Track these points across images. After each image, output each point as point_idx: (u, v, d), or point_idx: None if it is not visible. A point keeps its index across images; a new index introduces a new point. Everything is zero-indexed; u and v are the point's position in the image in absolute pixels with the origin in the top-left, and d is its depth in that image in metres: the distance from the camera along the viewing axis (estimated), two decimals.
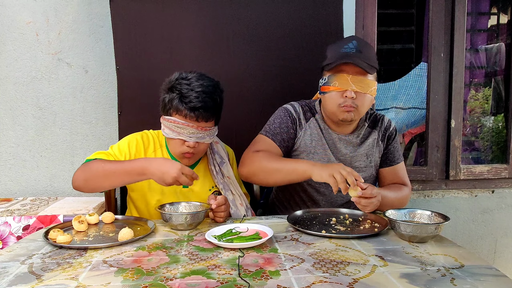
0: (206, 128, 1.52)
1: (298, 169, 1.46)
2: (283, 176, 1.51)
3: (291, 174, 1.49)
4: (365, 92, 1.52)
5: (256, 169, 1.55)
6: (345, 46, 1.55)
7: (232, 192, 1.65)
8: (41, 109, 2.24)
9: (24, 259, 1.11)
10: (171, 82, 1.54)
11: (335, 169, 1.36)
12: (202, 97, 1.47)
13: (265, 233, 1.26)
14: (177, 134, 1.51)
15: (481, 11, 3.01)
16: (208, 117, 1.51)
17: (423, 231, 1.21)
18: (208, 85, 1.51)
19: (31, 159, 2.27)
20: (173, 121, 1.50)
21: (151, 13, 2.09)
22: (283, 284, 0.93)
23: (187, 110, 1.47)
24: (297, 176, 1.48)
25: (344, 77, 1.51)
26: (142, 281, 0.96)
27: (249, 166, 1.56)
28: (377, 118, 1.74)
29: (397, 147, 1.75)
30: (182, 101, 1.48)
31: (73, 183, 1.49)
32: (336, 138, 1.66)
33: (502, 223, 2.53)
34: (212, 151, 1.69)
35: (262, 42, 2.16)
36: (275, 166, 1.52)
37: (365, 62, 1.50)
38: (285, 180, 1.54)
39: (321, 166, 1.41)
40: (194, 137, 1.51)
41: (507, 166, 2.53)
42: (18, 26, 2.19)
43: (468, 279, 0.96)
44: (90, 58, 2.23)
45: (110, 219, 1.44)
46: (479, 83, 3.00)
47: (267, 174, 1.54)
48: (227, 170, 1.68)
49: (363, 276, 0.98)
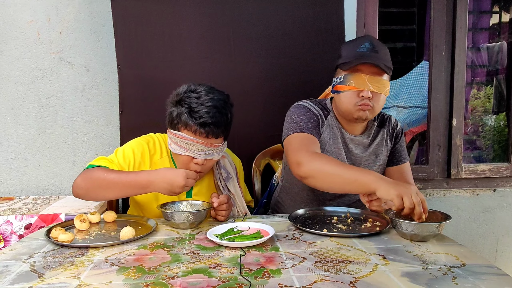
0: (215, 145, 1.46)
1: (362, 179, 1.32)
2: (341, 182, 1.38)
3: (351, 184, 1.35)
4: (380, 92, 1.52)
5: (314, 171, 1.42)
6: (361, 45, 1.53)
7: (237, 208, 1.61)
8: (42, 108, 2.25)
9: (26, 257, 1.11)
10: (179, 95, 1.45)
11: (407, 192, 1.22)
12: (213, 112, 1.40)
13: (266, 232, 1.26)
14: (185, 150, 1.44)
15: (483, 10, 3.01)
16: (219, 134, 1.44)
17: (424, 230, 1.21)
18: (218, 99, 1.44)
19: (32, 158, 2.27)
20: (181, 137, 1.43)
21: (152, 12, 2.09)
22: (284, 283, 0.93)
23: (197, 126, 1.40)
24: (358, 187, 1.34)
25: (361, 77, 1.50)
26: (143, 279, 0.96)
27: (307, 167, 1.43)
28: (385, 117, 1.74)
29: (404, 147, 1.75)
30: (192, 116, 1.40)
31: (73, 191, 1.44)
32: (348, 138, 1.66)
33: (503, 222, 2.53)
34: (219, 166, 1.62)
35: (263, 41, 2.15)
36: (336, 171, 1.38)
37: (382, 62, 1.50)
38: (343, 189, 1.42)
39: (390, 183, 1.28)
40: (203, 154, 1.44)
41: (509, 165, 2.53)
42: (19, 25, 2.19)
43: (470, 278, 0.96)
44: (91, 57, 2.23)
45: (111, 218, 1.44)
46: (481, 81, 2.99)
47: (326, 178, 1.41)
48: (233, 186, 1.61)
49: (365, 275, 0.98)
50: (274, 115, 1.92)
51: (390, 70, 1.54)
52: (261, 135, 2.15)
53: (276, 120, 1.85)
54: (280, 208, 1.85)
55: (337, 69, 1.60)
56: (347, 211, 1.52)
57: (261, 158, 2.08)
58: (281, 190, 1.85)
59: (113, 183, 1.38)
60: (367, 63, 1.50)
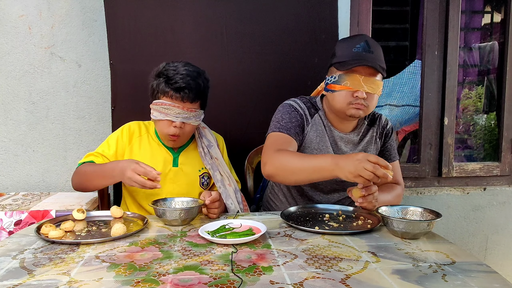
0: (191, 109, 1.60)
1: (323, 167, 1.35)
2: (305, 174, 1.41)
3: (315, 174, 1.38)
4: (374, 93, 1.53)
5: (277, 169, 1.46)
6: (357, 45, 1.52)
7: (220, 172, 1.70)
8: (33, 103, 2.22)
9: (16, 254, 1.11)
10: (158, 69, 1.64)
11: (359, 167, 1.24)
12: (187, 79, 1.57)
13: (258, 229, 1.26)
14: (164, 115, 1.58)
15: (475, 10, 3.02)
16: (193, 98, 1.59)
17: (415, 227, 1.22)
18: (193, 71, 1.61)
19: (23, 154, 2.25)
20: (160, 104, 1.59)
21: (145, 7, 2.08)
22: (276, 280, 0.94)
23: (172, 91, 1.57)
24: (323, 175, 1.37)
25: (356, 78, 1.50)
26: (134, 276, 0.96)
27: (271, 165, 1.47)
28: (375, 116, 1.75)
29: (394, 146, 1.77)
30: (168, 83, 1.58)
31: (73, 187, 1.66)
32: (338, 136, 1.67)
33: (493, 220, 2.56)
34: (200, 135, 1.75)
35: (256, 38, 2.15)
36: (297, 165, 1.41)
37: (377, 63, 1.50)
38: (311, 179, 1.44)
39: (344, 165, 1.28)
40: (181, 117, 1.58)
41: (499, 164, 2.56)
42: (11, 19, 2.17)
43: (459, 275, 0.97)
44: (83, 52, 2.21)
45: (119, 214, 1.44)
46: (472, 81, 3.01)
47: (289, 173, 1.44)
48: (215, 152, 1.73)
49: (356, 272, 0.98)
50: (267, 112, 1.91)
51: (384, 70, 1.55)
52: (254, 132, 2.15)
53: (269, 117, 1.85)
54: (271, 205, 1.85)
55: (331, 67, 1.60)
56: (339, 208, 1.53)
57: (254, 155, 2.07)
58: (271, 188, 1.86)
59: (92, 175, 1.58)
60: (364, 64, 1.50)
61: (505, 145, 2.55)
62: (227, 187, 1.67)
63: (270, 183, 1.91)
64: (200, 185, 1.72)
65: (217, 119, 1.88)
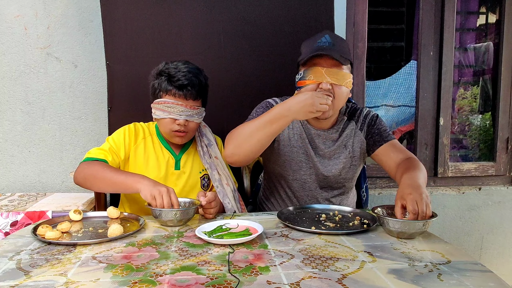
0: (194, 107, 1.60)
1: (276, 116, 1.44)
2: (265, 131, 1.46)
3: (273, 124, 1.45)
4: (340, 84, 1.51)
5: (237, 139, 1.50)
6: (318, 40, 1.55)
7: (218, 172, 1.70)
8: (29, 104, 2.22)
9: (12, 255, 1.10)
10: (158, 69, 1.64)
11: (316, 102, 1.40)
12: (189, 76, 1.57)
13: (255, 229, 1.27)
14: (167, 113, 1.58)
15: (470, 10, 3.04)
16: (196, 96, 1.60)
17: (411, 227, 1.22)
18: (193, 68, 1.62)
19: (19, 155, 2.24)
20: (163, 102, 1.58)
21: (141, 7, 2.08)
22: (272, 280, 0.94)
23: (175, 89, 1.57)
24: (281, 123, 1.45)
25: (318, 70, 1.50)
26: (131, 277, 0.96)
27: (231, 143, 1.52)
28: (356, 110, 1.72)
29: (383, 129, 1.67)
30: (171, 81, 1.57)
31: (74, 180, 1.59)
32: (315, 133, 1.67)
33: (488, 220, 2.57)
34: (200, 134, 1.76)
35: (253, 38, 2.15)
36: (253, 125, 1.48)
37: (338, 54, 1.50)
38: (272, 132, 1.47)
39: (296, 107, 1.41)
40: (184, 115, 1.58)
41: (494, 164, 2.57)
42: (6, 19, 2.16)
43: (455, 275, 0.98)
44: (79, 53, 2.21)
45: (115, 214, 1.44)
46: (468, 81, 3.03)
47: (249, 136, 1.48)
48: (215, 151, 1.73)
49: (352, 272, 0.99)
50: None
51: (347, 61, 1.53)
52: None
53: None
54: (263, 206, 1.86)
55: (299, 67, 1.61)
56: (335, 209, 1.54)
57: None
58: (264, 189, 1.87)
59: (102, 181, 1.50)
60: (324, 56, 1.50)
61: (500, 145, 2.57)
62: (224, 186, 1.67)
63: (262, 186, 1.91)
64: (201, 187, 1.72)
65: (214, 120, 1.88)
